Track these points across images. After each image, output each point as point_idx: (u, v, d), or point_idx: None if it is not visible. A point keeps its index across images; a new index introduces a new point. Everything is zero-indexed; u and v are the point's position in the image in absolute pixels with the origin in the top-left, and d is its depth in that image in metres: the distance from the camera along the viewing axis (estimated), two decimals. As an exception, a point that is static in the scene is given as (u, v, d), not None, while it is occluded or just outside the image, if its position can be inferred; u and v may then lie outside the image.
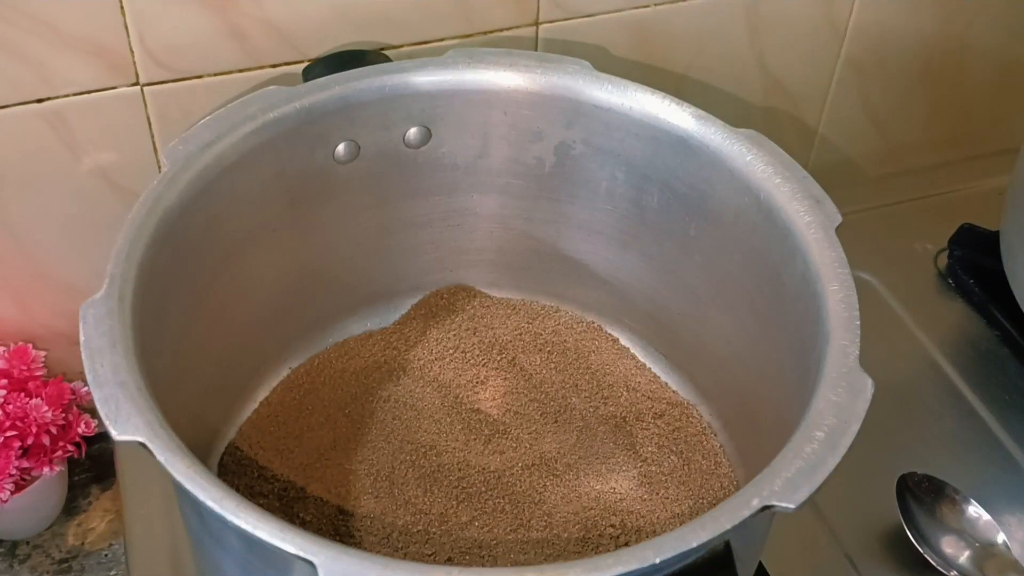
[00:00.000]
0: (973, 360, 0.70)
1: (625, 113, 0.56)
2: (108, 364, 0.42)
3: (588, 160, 0.59)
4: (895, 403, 0.67)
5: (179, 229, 0.50)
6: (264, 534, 0.37)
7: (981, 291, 0.73)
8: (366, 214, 0.59)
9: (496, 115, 0.58)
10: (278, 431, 0.59)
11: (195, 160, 0.51)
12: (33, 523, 0.66)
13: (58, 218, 0.63)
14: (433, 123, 0.58)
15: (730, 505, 0.39)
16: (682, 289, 0.59)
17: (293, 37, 0.61)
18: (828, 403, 0.42)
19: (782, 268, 0.51)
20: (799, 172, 0.52)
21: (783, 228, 0.51)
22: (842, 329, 0.46)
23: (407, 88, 0.56)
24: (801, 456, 0.40)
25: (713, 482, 0.57)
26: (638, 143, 0.57)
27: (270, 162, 0.54)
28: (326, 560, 0.37)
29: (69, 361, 0.66)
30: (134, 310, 0.45)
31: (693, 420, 0.60)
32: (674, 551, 0.37)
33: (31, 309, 0.66)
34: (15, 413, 0.60)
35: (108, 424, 0.41)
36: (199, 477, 0.39)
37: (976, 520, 0.59)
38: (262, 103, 0.54)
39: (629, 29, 0.68)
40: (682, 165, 0.56)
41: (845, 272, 0.48)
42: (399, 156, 0.58)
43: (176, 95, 0.61)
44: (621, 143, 0.57)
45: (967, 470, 0.63)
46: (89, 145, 0.61)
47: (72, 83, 0.58)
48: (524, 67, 0.57)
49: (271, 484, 0.56)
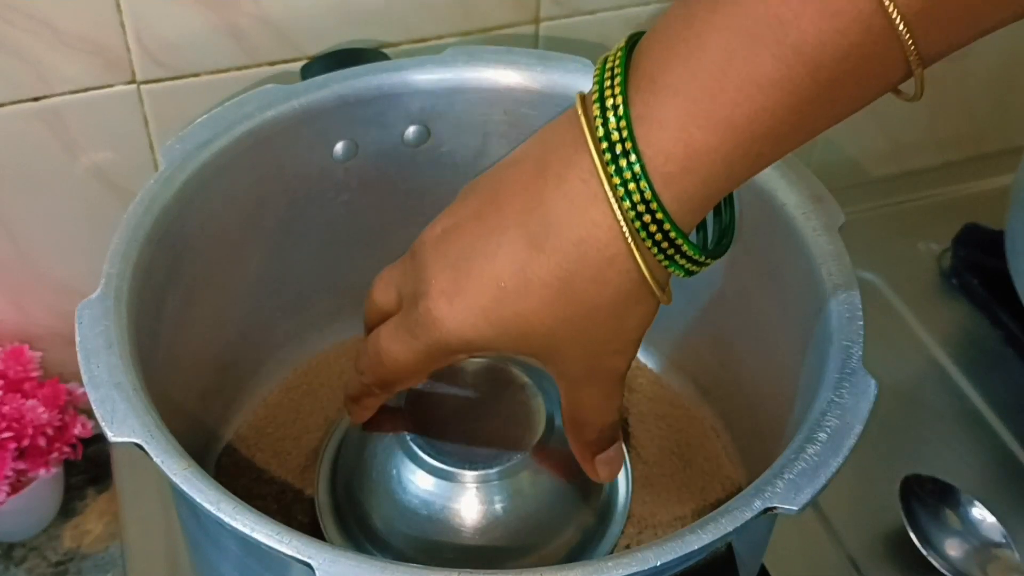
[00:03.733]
0: (977, 360, 0.70)
1: (626, 111, 0.56)
2: (104, 365, 0.42)
3: (589, 159, 0.58)
4: (899, 404, 0.66)
5: (176, 228, 0.49)
6: (262, 536, 0.37)
7: (985, 291, 0.73)
8: (365, 213, 0.59)
9: (496, 114, 0.58)
10: (276, 432, 0.58)
11: (192, 159, 0.51)
12: (29, 525, 0.66)
13: (54, 217, 0.62)
14: (432, 122, 0.57)
15: (732, 507, 0.39)
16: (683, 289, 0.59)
17: (291, 35, 0.61)
18: (831, 404, 0.42)
19: (785, 268, 0.51)
20: (802, 171, 0.52)
21: (786, 228, 0.51)
22: (845, 329, 0.45)
23: (406, 86, 0.56)
24: (804, 458, 0.40)
25: (715, 484, 0.57)
26: (639, 142, 0.56)
27: (268, 161, 0.54)
28: (324, 563, 0.36)
29: (65, 362, 0.66)
30: (130, 310, 0.45)
31: (695, 422, 0.60)
32: (675, 553, 0.37)
33: (27, 309, 0.65)
34: (11, 414, 0.60)
35: (104, 425, 0.40)
36: (196, 479, 0.39)
37: (980, 522, 0.59)
38: (260, 102, 0.54)
39: (630, 26, 0.68)
40: (683, 164, 0.55)
41: (848, 272, 0.47)
42: (398, 155, 0.58)
43: (173, 93, 0.61)
44: (622, 142, 0.57)
45: (971, 472, 0.63)
46: (85, 143, 0.60)
47: (68, 81, 0.58)
48: (524, 65, 0.57)
49: (269, 486, 0.56)
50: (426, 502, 0.48)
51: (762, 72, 0.34)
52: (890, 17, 0.32)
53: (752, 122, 0.35)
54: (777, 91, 0.34)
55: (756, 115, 0.34)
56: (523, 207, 0.39)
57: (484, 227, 0.40)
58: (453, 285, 0.40)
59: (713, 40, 0.34)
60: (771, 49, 0.33)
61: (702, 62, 0.35)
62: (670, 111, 0.35)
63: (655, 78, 0.36)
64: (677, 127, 0.35)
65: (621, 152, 0.36)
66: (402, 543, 0.48)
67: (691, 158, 0.35)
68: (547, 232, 0.38)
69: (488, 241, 0.39)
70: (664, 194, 0.36)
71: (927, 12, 0.32)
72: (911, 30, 0.32)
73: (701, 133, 0.35)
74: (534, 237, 0.38)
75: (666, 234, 0.37)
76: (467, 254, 0.40)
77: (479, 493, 0.48)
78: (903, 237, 0.78)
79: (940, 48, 0.34)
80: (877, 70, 0.34)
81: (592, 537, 0.51)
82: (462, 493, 0.48)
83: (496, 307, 0.39)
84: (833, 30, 0.33)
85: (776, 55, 0.33)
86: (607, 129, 0.36)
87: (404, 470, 0.48)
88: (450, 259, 0.40)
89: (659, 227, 0.36)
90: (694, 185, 0.36)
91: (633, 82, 0.36)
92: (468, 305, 0.39)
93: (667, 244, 0.37)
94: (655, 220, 0.36)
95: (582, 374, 0.42)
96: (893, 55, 0.33)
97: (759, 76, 0.34)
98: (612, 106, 0.36)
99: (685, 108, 0.35)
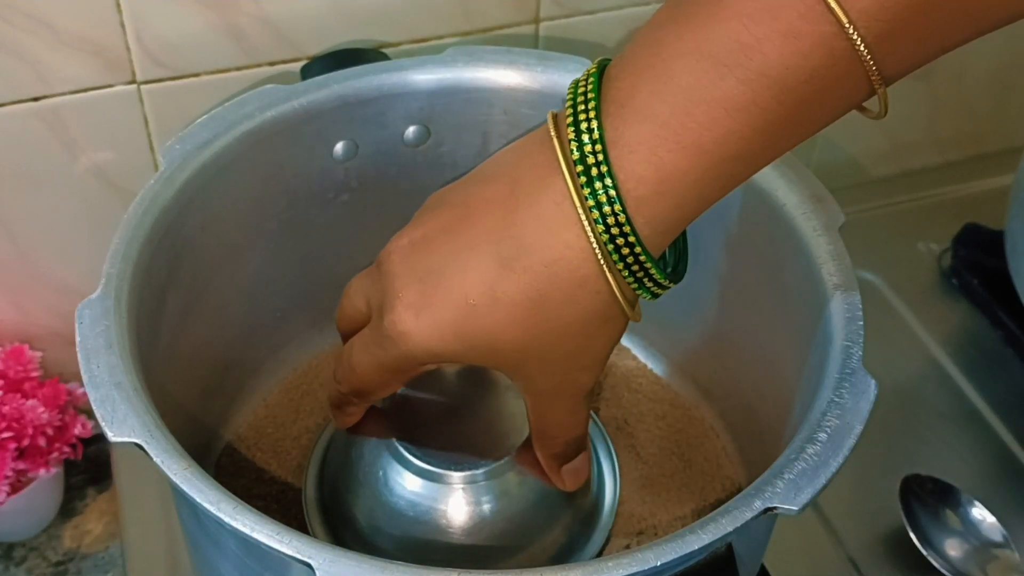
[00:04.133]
0: (977, 361, 0.70)
1: (626, 111, 0.56)
2: (104, 365, 0.42)
3: (589, 159, 0.58)
4: (898, 404, 0.66)
5: (176, 228, 0.49)
6: (262, 536, 0.37)
7: (985, 291, 0.73)
8: (365, 213, 0.59)
9: (496, 114, 0.58)
10: (276, 432, 0.58)
11: (192, 159, 0.51)
12: (29, 525, 0.66)
13: (54, 217, 0.62)
14: (432, 122, 0.57)
15: (732, 507, 0.39)
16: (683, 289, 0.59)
17: (291, 35, 0.61)
18: (831, 404, 0.42)
19: (785, 268, 0.51)
20: (802, 171, 0.52)
21: (786, 228, 0.51)
22: (845, 330, 0.45)
23: (406, 87, 0.56)
24: (804, 458, 0.40)
25: (715, 484, 0.57)
26: (639, 142, 0.56)
27: (268, 161, 0.54)
28: (324, 563, 0.36)
29: (65, 362, 0.66)
30: (130, 310, 0.45)
31: (695, 422, 0.60)
32: (676, 553, 0.37)
33: (27, 309, 0.65)
34: (11, 414, 0.60)
35: (104, 425, 0.40)
36: (196, 479, 0.39)
37: (980, 522, 0.59)
38: (260, 102, 0.53)
39: (630, 27, 0.68)
40: (683, 164, 0.55)
41: (848, 272, 0.47)
42: (398, 155, 0.58)
43: (173, 93, 0.61)
44: (622, 142, 0.57)
45: (971, 472, 0.63)
46: (85, 144, 0.60)
47: (68, 81, 0.58)
48: (524, 65, 0.57)
49: (268, 486, 0.56)
50: (413, 503, 0.48)
51: (728, 96, 0.34)
52: (852, 40, 0.32)
53: (721, 145, 0.35)
54: (744, 114, 0.34)
55: (724, 138, 0.35)
56: (495, 225, 0.39)
57: (454, 243, 0.40)
58: (421, 299, 0.40)
59: (679, 65, 0.35)
60: (736, 73, 0.34)
61: (669, 87, 0.35)
62: (640, 135, 0.35)
63: (624, 103, 0.36)
64: (648, 151, 0.35)
65: (596, 175, 0.36)
66: (388, 544, 0.48)
67: (662, 181, 0.36)
68: (518, 252, 0.38)
69: (457, 257, 0.39)
70: (637, 218, 0.36)
71: (888, 34, 0.32)
72: (872, 52, 0.33)
73: (671, 156, 0.35)
74: (505, 257, 0.38)
75: (636, 257, 0.37)
76: (436, 268, 0.40)
77: (466, 494, 0.48)
78: (903, 237, 0.78)
79: (902, 68, 0.34)
80: (841, 91, 0.34)
81: (580, 536, 0.51)
82: (449, 494, 0.48)
83: (464, 322, 0.39)
84: (796, 54, 0.33)
85: (741, 79, 0.34)
86: (582, 152, 0.36)
87: (391, 472, 0.48)
88: (418, 272, 0.40)
89: (631, 250, 0.37)
90: (666, 209, 0.36)
91: (604, 107, 0.37)
92: (435, 320, 0.39)
93: (637, 267, 0.37)
94: (628, 243, 0.37)
95: (549, 389, 0.43)
96: (856, 76, 0.33)
97: (725, 100, 0.34)
98: (587, 129, 0.36)
99: (654, 132, 0.35)
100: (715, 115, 0.34)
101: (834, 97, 0.34)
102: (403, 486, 0.48)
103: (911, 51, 0.34)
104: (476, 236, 0.39)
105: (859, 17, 0.32)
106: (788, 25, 0.33)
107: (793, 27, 0.33)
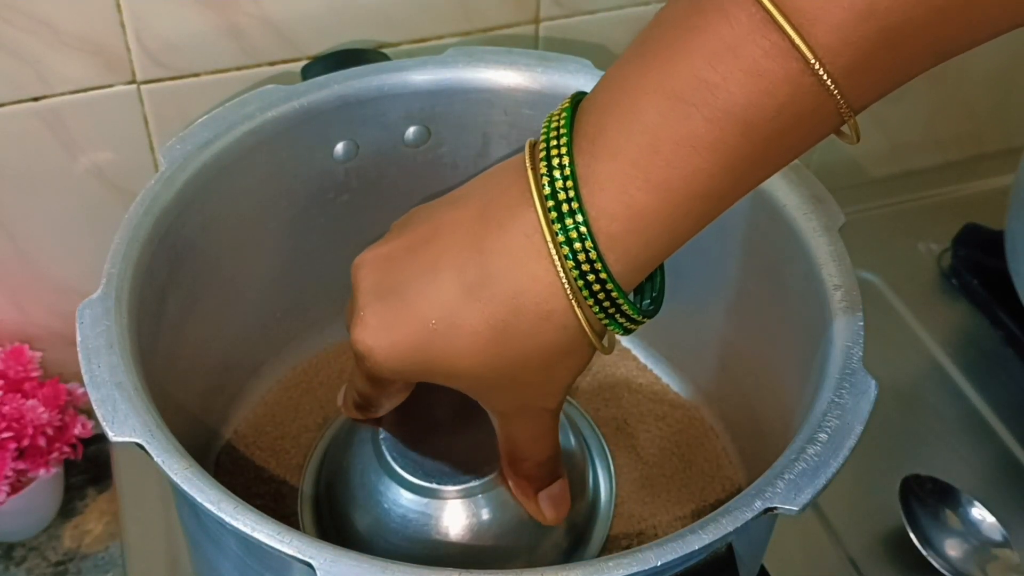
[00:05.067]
0: (977, 361, 0.70)
1: (626, 112, 0.56)
2: (105, 365, 0.42)
3: (589, 159, 0.58)
4: (899, 404, 0.66)
5: (176, 229, 0.49)
6: (262, 536, 0.37)
7: (985, 291, 0.73)
8: (365, 213, 0.59)
9: (496, 114, 0.58)
10: (275, 431, 0.58)
11: (192, 159, 0.51)
12: (29, 525, 0.66)
13: (54, 217, 0.62)
14: (432, 122, 0.57)
15: (732, 507, 0.39)
16: (683, 290, 0.59)
17: (291, 35, 0.61)
18: (831, 405, 0.42)
19: (784, 268, 0.51)
20: (802, 171, 0.52)
21: (786, 228, 0.51)
22: (845, 330, 0.45)
23: (406, 87, 0.56)
24: (804, 458, 0.40)
25: (715, 484, 0.57)
26: (639, 142, 0.56)
27: (268, 161, 0.54)
28: (325, 562, 0.36)
29: (66, 362, 0.66)
30: (131, 310, 0.45)
31: (695, 422, 0.60)
32: (676, 554, 0.37)
33: (27, 309, 0.65)
34: (11, 414, 0.60)
35: (105, 425, 0.40)
36: (197, 479, 0.39)
37: (980, 522, 0.59)
38: (260, 102, 0.53)
39: (630, 27, 0.68)
40: (683, 164, 0.55)
41: (848, 272, 0.47)
42: (398, 155, 0.58)
43: (173, 93, 0.61)
44: (622, 142, 0.57)
45: (971, 472, 0.63)
46: (86, 144, 0.60)
47: (68, 81, 0.58)
48: (524, 66, 0.57)
49: (267, 485, 0.56)
50: (406, 519, 0.48)
51: (695, 134, 0.34)
52: (818, 75, 0.32)
53: (689, 183, 0.34)
54: (711, 152, 0.34)
55: (692, 176, 0.34)
56: (461, 251, 0.38)
57: (418, 264, 0.39)
58: (380, 319, 0.40)
59: (645, 103, 0.34)
60: (702, 111, 0.33)
61: (636, 125, 0.35)
62: (610, 172, 0.35)
63: (594, 139, 0.36)
64: (617, 188, 0.35)
65: (568, 212, 0.36)
66: (381, 555, 0.48)
67: (633, 219, 0.35)
68: (483, 281, 0.38)
69: (421, 277, 0.39)
70: (608, 254, 0.36)
71: (854, 67, 0.32)
72: (839, 85, 0.32)
73: (641, 194, 0.35)
74: (470, 284, 0.38)
75: (608, 293, 0.37)
76: (398, 289, 0.40)
77: (462, 506, 0.47)
78: (903, 237, 0.78)
79: (870, 97, 0.33)
80: (810, 124, 0.34)
81: (578, 543, 0.51)
82: (443, 508, 0.48)
83: (423, 345, 0.39)
84: (761, 91, 0.32)
85: (707, 117, 0.33)
86: (554, 188, 0.36)
87: (383, 486, 0.48)
88: (380, 291, 0.40)
89: (602, 286, 0.36)
90: (637, 245, 0.36)
91: (576, 142, 0.36)
92: (394, 340, 0.40)
93: (608, 303, 0.37)
94: (599, 280, 0.36)
95: (512, 411, 0.43)
96: (825, 109, 0.33)
97: (692, 138, 0.34)
98: (559, 165, 0.36)
99: (623, 170, 0.35)
100: (682, 153, 0.34)
101: (803, 130, 0.34)
102: (396, 501, 0.48)
103: (878, 81, 0.33)
104: (440, 260, 0.39)
105: (824, 53, 0.31)
106: (752, 63, 0.32)
107: (757, 65, 0.32)
